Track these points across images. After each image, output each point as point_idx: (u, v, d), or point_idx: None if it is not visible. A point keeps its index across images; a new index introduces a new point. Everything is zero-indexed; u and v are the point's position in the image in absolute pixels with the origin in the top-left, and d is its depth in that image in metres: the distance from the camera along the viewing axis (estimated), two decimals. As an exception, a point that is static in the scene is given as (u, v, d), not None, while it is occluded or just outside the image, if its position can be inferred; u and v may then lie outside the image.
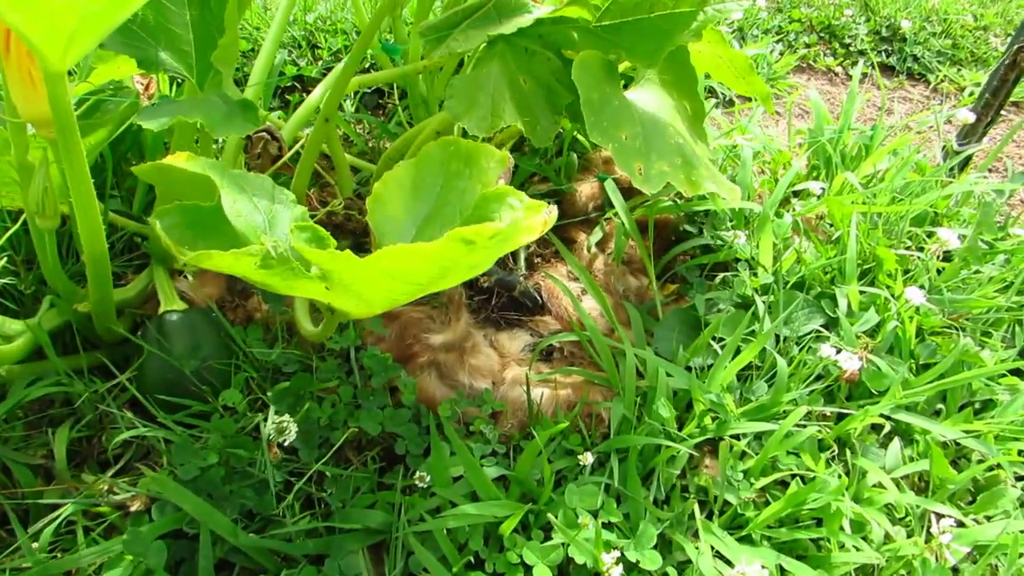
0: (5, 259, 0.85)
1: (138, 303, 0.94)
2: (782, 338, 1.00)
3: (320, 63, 1.58)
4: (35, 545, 0.67)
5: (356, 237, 1.11)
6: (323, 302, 0.66)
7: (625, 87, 0.99)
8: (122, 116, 0.98)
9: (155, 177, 0.62)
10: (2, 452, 0.75)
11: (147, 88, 1.22)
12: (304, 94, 1.50)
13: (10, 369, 0.82)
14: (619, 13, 0.90)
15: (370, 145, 1.24)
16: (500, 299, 1.10)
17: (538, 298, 1.10)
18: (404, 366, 0.92)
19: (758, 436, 0.89)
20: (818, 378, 0.96)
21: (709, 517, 0.83)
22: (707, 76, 1.23)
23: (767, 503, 0.84)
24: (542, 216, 0.57)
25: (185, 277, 0.97)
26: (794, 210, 1.22)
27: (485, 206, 0.68)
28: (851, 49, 2.35)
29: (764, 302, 1.01)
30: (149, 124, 0.72)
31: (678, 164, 0.90)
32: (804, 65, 2.26)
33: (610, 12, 0.90)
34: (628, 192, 1.21)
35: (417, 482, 0.76)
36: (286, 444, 0.70)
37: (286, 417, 0.71)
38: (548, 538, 0.76)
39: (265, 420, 0.77)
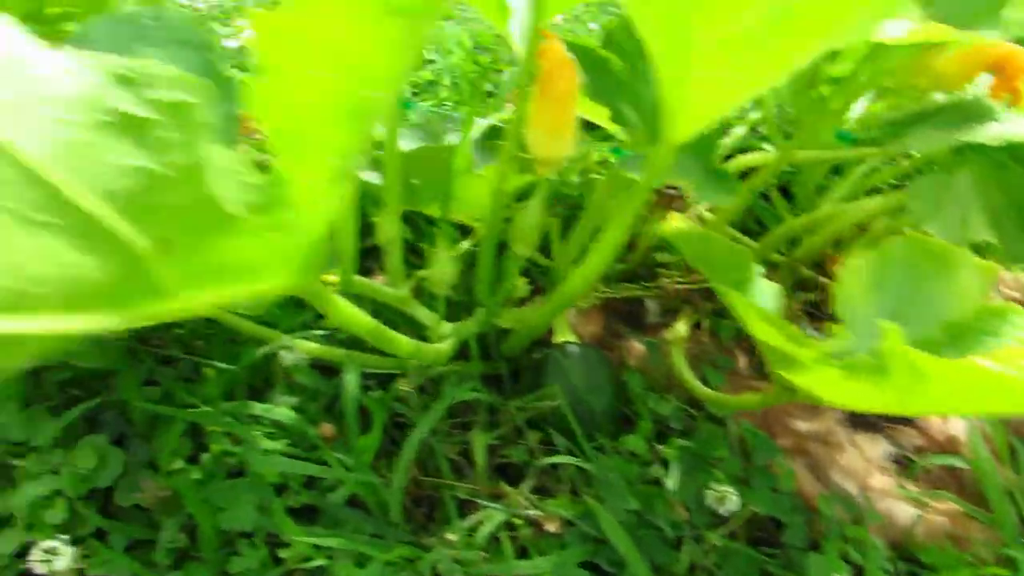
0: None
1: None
2: None
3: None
4: (470, 539, 0.73)
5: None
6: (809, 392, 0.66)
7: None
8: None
9: (681, 239, 0.66)
10: (435, 441, 0.83)
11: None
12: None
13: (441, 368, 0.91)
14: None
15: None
16: (855, 396, 1.06)
17: (897, 404, 1.04)
18: (770, 447, 0.90)
19: None
20: None
21: None
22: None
23: None
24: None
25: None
26: None
27: (983, 320, 0.65)
28: None
29: None
30: (637, 176, 0.77)
31: None
32: None
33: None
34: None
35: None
36: (723, 512, 0.72)
37: (729, 488, 0.72)
38: None
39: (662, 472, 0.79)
